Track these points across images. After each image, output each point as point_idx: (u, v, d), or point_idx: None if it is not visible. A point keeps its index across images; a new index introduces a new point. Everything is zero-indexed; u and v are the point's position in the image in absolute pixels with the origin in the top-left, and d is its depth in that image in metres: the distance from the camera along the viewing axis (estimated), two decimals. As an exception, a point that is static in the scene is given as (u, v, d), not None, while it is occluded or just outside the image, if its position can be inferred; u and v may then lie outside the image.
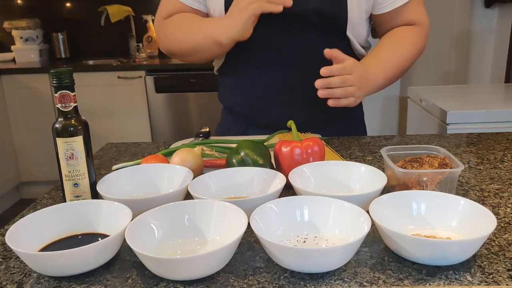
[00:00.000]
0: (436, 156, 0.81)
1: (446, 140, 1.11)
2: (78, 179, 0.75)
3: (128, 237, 0.58)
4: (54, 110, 3.07)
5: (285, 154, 0.82)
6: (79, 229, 0.68)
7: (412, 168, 0.77)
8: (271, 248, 0.57)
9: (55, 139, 0.73)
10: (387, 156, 0.80)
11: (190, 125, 3.06)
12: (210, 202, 0.67)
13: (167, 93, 3.00)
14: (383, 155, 0.81)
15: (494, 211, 0.72)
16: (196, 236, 0.65)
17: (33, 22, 3.45)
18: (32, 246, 0.63)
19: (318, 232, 0.65)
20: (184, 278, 0.56)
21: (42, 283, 0.58)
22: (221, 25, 1.03)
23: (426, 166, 0.77)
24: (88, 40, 3.61)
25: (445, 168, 0.76)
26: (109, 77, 3.02)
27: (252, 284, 0.56)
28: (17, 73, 3.08)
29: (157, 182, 0.82)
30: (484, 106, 1.88)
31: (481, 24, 2.86)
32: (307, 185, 0.79)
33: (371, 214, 0.62)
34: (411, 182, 0.74)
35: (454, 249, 0.56)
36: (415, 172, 0.74)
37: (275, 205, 0.66)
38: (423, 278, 0.55)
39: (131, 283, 0.57)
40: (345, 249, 0.55)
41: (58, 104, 0.73)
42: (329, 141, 1.11)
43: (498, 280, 0.54)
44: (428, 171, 0.74)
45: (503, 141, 1.09)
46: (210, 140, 1.05)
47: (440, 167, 0.76)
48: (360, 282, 0.55)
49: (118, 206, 0.67)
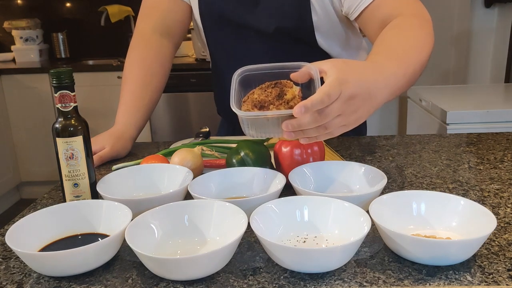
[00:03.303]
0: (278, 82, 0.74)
1: (446, 140, 1.11)
2: (78, 179, 0.75)
3: (128, 237, 0.58)
4: (54, 110, 3.07)
5: (285, 154, 0.82)
6: (79, 229, 0.68)
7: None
8: (271, 248, 0.57)
9: (55, 139, 0.73)
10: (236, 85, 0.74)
11: (190, 125, 3.06)
12: (210, 202, 0.67)
13: (167, 93, 3.00)
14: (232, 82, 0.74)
15: (494, 211, 0.72)
16: (196, 236, 0.65)
17: (33, 22, 3.46)
18: (32, 246, 0.63)
19: (318, 232, 0.65)
20: (184, 278, 0.56)
21: (42, 283, 0.58)
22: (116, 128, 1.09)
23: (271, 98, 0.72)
24: (88, 40, 3.61)
25: (283, 93, 0.71)
26: (109, 77, 3.02)
27: (252, 284, 0.56)
28: (17, 73, 3.08)
29: (157, 182, 0.82)
30: (484, 106, 1.88)
31: (481, 24, 2.86)
32: (307, 185, 0.79)
33: (371, 214, 0.62)
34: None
35: (454, 249, 0.56)
36: (253, 115, 0.69)
37: (275, 205, 0.66)
38: (423, 278, 0.55)
39: (131, 283, 0.57)
40: (345, 249, 0.55)
41: (58, 104, 0.73)
42: (329, 141, 1.11)
43: (498, 280, 0.54)
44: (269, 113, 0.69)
45: (503, 141, 1.09)
46: (210, 140, 1.05)
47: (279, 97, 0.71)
48: (360, 282, 0.55)
49: (118, 206, 0.67)
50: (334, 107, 0.65)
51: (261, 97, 0.72)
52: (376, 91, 0.71)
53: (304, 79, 0.72)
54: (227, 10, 1.07)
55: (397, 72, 0.78)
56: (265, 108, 0.71)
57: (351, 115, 0.68)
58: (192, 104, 3.03)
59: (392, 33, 0.89)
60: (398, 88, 0.79)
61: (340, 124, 0.68)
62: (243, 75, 0.76)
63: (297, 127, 0.66)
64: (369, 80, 0.71)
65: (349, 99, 0.66)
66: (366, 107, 0.70)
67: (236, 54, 1.09)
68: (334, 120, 0.67)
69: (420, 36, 0.88)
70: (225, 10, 1.07)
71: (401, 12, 0.93)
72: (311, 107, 0.63)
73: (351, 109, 0.68)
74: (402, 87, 0.80)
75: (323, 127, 0.67)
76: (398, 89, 0.79)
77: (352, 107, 0.68)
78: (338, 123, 0.67)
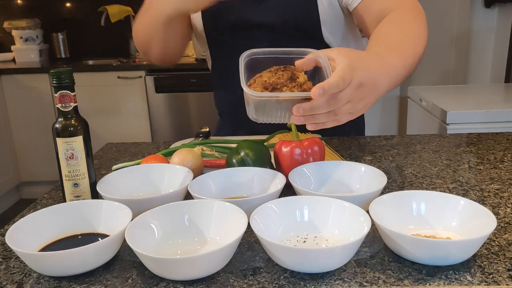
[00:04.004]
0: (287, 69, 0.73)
1: (446, 140, 1.11)
2: (78, 179, 0.75)
3: (128, 237, 0.58)
4: (54, 110, 3.07)
5: (285, 154, 0.82)
6: (79, 229, 0.68)
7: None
8: (271, 248, 0.57)
9: (55, 139, 0.73)
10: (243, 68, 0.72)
11: (190, 125, 3.06)
12: (210, 202, 0.67)
13: (167, 93, 3.00)
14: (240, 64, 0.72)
15: (494, 211, 0.72)
16: (196, 236, 0.65)
17: (33, 22, 3.46)
18: (32, 246, 0.63)
19: (318, 232, 0.65)
20: (184, 278, 0.56)
21: (42, 283, 0.58)
22: (161, 1, 0.95)
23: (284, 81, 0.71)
24: (88, 40, 3.61)
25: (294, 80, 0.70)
26: (109, 77, 3.02)
27: (252, 284, 0.56)
28: (17, 73, 3.08)
29: (157, 182, 0.82)
30: (484, 106, 1.88)
31: (481, 24, 2.86)
32: (307, 185, 0.79)
33: (371, 214, 0.62)
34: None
35: (454, 249, 0.56)
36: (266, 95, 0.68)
37: (275, 205, 0.66)
38: (423, 278, 0.55)
39: (131, 283, 0.57)
40: (345, 249, 0.55)
41: (58, 104, 0.73)
42: (329, 141, 1.11)
43: (498, 280, 0.54)
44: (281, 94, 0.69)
45: (503, 141, 1.09)
46: (210, 140, 1.05)
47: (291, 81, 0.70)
48: (360, 282, 0.55)
49: (118, 206, 0.67)
50: (346, 92, 0.66)
51: (272, 79, 0.71)
52: (380, 80, 0.73)
53: (309, 67, 0.73)
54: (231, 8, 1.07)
55: (397, 63, 0.80)
56: (278, 90, 0.70)
57: (359, 103, 0.70)
58: (192, 104, 3.03)
59: (390, 26, 0.91)
60: (398, 79, 0.81)
61: (348, 111, 0.69)
62: (249, 58, 0.75)
63: (309, 110, 0.66)
64: (374, 69, 0.72)
65: (358, 87, 0.68)
66: (372, 95, 0.72)
67: (238, 54, 1.09)
68: (343, 106, 0.68)
69: (417, 29, 0.91)
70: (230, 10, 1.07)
71: (397, 6, 0.96)
72: (328, 89, 0.64)
73: (359, 97, 0.69)
74: (401, 78, 0.82)
75: (333, 112, 0.68)
76: (398, 80, 0.81)
77: (360, 95, 0.69)
78: (347, 109, 0.69)
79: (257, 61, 0.75)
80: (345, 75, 0.65)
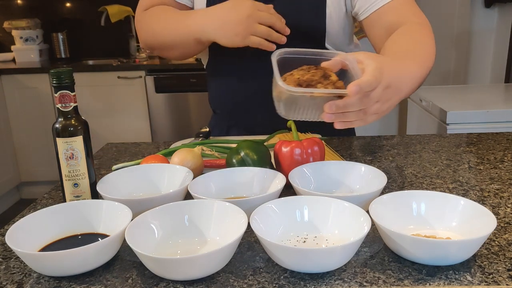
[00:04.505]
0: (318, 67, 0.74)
1: (446, 140, 1.11)
2: (78, 179, 0.75)
3: (128, 237, 0.58)
4: (54, 110, 3.07)
5: (285, 154, 0.82)
6: (79, 229, 0.68)
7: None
8: (271, 248, 0.57)
9: (55, 139, 0.73)
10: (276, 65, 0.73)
11: (190, 125, 3.06)
12: (210, 202, 0.67)
13: (167, 93, 3.00)
14: (272, 62, 0.73)
15: (494, 211, 0.72)
16: (196, 236, 0.65)
17: (33, 22, 3.46)
18: (32, 246, 0.63)
19: (318, 232, 0.65)
20: (184, 278, 0.56)
21: (42, 283, 0.58)
22: (204, 22, 0.98)
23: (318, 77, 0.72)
24: (88, 40, 3.61)
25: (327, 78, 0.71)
26: (109, 77, 3.02)
27: (252, 284, 0.56)
28: (17, 73, 3.08)
29: (157, 182, 0.82)
30: (484, 106, 1.88)
31: (481, 24, 2.86)
32: (307, 185, 0.79)
33: (371, 214, 0.62)
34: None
35: (454, 249, 0.56)
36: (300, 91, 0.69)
37: (275, 205, 0.66)
38: (423, 278, 0.55)
39: (131, 283, 0.57)
40: (345, 249, 0.55)
41: (58, 104, 0.73)
42: (329, 141, 1.11)
43: (498, 280, 0.54)
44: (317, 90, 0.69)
45: (503, 141, 1.09)
46: (210, 140, 1.05)
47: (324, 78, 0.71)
48: (360, 282, 0.55)
49: (118, 206, 0.67)
50: (376, 92, 0.68)
51: (306, 76, 0.71)
52: (404, 83, 0.77)
53: (335, 69, 0.74)
54: None
55: (416, 70, 0.84)
56: (312, 86, 0.70)
57: (385, 103, 0.72)
58: (192, 104, 3.03)
59: (404, 38, 0.94)
60: (415, 86, 0.85)
61: (376, 111, 0.71)
62: (281, 56, 0.76)
63: (342, 108, 0.67)
64: (399, 72, 0.76)
65: (386, 88, 0.70)
66: (396, 97, 0.75)
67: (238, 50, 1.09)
68: (373, 106, 0.70)
69: (428, 43, 0.94)
70: None
71: (408, 20, 0.98)
72: (364, 87, 0.65)
73: (386, 97, 0.71)
74: (417, 85, 0.86)
75: (363, 111, 0.69)
76: (415, 87, 0.85)
77: (388, 96, 0.71)
78: (375, 109, 0.70)
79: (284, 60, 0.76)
80: (377, 75, 0.67)
